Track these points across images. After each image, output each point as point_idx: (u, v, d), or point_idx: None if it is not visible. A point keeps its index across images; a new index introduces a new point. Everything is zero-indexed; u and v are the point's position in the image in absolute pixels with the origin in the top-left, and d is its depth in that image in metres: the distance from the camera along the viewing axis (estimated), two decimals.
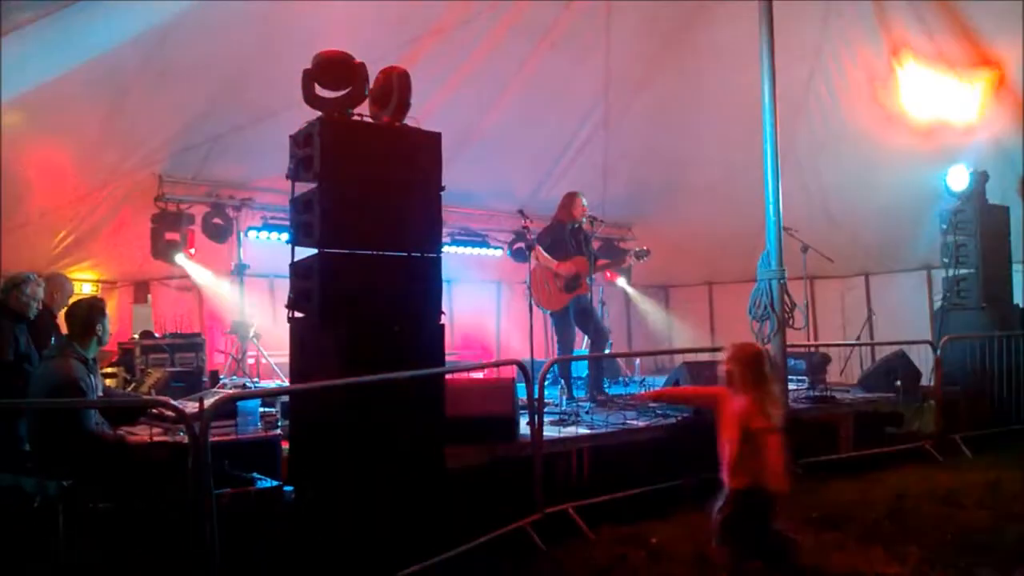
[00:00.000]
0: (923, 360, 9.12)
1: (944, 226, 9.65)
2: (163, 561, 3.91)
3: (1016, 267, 9.81)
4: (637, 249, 9.19)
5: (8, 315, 5.75)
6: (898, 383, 8.95)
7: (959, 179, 9.53)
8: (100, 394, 5.19)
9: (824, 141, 10.69)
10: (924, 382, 9.13)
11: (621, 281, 13.69)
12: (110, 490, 4.33)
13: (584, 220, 8.51)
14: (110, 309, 9.65)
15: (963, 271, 9.54)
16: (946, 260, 9.66)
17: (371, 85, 5.09)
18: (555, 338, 8.63)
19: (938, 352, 8.51)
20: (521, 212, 8.54)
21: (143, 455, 4.67)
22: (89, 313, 5.06)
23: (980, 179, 9.54)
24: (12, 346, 5.64)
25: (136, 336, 8.68)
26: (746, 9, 7.41)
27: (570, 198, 8.56)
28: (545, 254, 8.26)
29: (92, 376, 4.95)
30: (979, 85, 9.44)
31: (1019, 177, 9.89)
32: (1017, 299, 9.64)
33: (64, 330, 5.24)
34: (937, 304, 10.01)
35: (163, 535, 3.99)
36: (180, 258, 9.30)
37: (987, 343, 8.97)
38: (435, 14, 8.39)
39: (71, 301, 5.82)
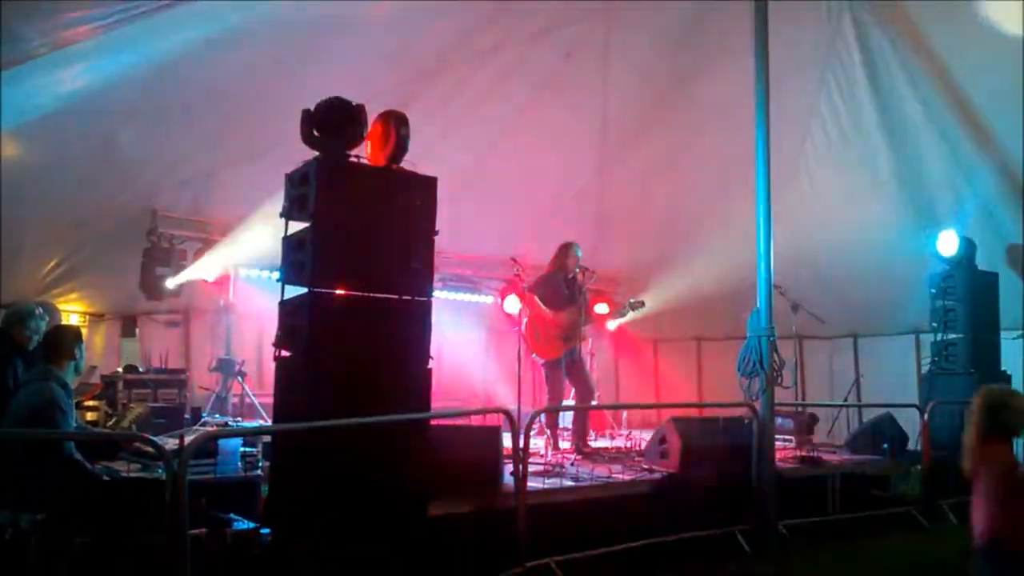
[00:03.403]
0: (910, 424, 9.08)
1: (933, 291, 9.69)
2: None
3: (1003, 334, 9.83)
4: (631, 300, 9.18)
5: (9, 345, 5.78)
6: (885, 446, 8.91)
7: (949, 245, 9.58)
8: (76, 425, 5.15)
9: (815, 201, 10.78)
10: (911, 446, 9.09)
11: (612, 324, 13.60)
12: (84, 524, 4.25)
13: (576, 271, 8.52)
14: (98, 342, 9.68)
15: (951, 336, 9.55)
16: (935, 325, 9.67)
17: (369, 127, 5.12)
18: (543, 388, 8.57)
19: (925, 416, 8.48)
20: (513, 259, 8.55)
21: (120, 490, 4.62)
22: (69, 339, 5.13)
23: (969, 245, 9.60)
24: (11, 375, 5.63)
25: (120, 370, 8.60)
26: (742, 68, 7.52)
27: (564, 249, 8.58)
28: (541, 304, 8.25)
29: (71, 400, 4.94)
30: None
31: (1006, 245, 9.96)
32: (1004, 366, 9.63)
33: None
34: (925, 368, 10.00)
35: (137, 573, 3.90)
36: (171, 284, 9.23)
37: None
38: (436, 52, 8.44)
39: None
